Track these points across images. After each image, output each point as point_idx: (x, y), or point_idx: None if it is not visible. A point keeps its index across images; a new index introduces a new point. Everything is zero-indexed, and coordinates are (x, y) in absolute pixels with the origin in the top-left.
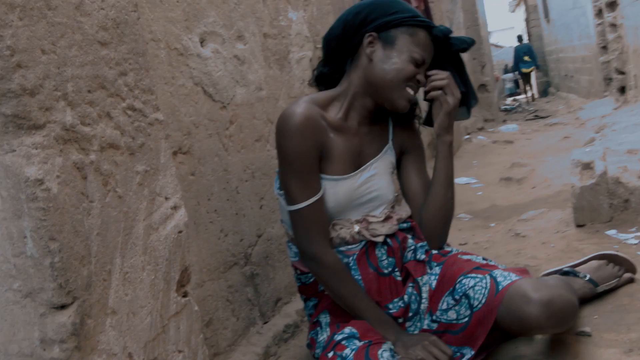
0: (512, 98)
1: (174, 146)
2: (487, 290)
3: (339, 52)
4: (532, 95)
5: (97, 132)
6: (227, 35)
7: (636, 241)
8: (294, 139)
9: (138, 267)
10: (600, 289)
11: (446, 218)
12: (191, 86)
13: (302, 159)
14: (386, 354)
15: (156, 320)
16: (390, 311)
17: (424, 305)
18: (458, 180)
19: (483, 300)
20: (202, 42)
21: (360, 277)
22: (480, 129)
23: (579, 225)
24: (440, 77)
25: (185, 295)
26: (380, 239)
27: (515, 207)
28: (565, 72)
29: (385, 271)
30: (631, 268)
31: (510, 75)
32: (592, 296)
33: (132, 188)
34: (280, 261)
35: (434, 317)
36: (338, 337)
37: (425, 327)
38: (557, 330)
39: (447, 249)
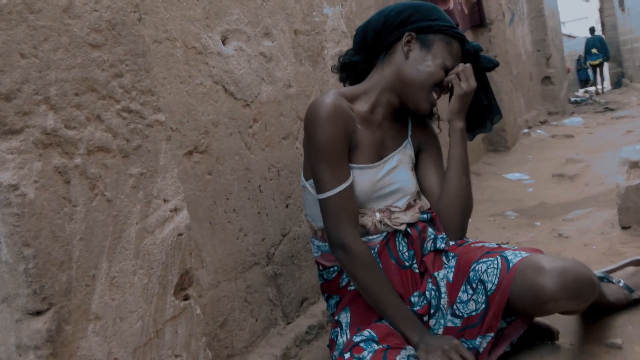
0: (583, 90)
1: (189, 146)
2: (498, 270)
3: (373, 44)
4: (600, 88)
5: (84, 136)
6: (252, 33)
7: None
8: (326, 127)
9: (128, 272)
10: (636, 294)
11: (464, 206)
12: (210, 85)
13: (333, 146)
14: None
15: (148, 325)
16: (414, 308)
17: (444, 300)
18: (509, 176)
19: (495, 281)
20: (224, 40)
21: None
22: (543, 122)
23: (624, 227)
24: (459, 67)
25: (186, 298)
26: (402, 227)
27: (564, 205)
28: (639, 62)
29: (407, 264)
30: None
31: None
32: (627, 303)
33: (124, 191)
34: (307, 260)
35: (456, 311)
36: (357, 339)
37: (448, 323)
38: (574, 306)
39: (464, 239)
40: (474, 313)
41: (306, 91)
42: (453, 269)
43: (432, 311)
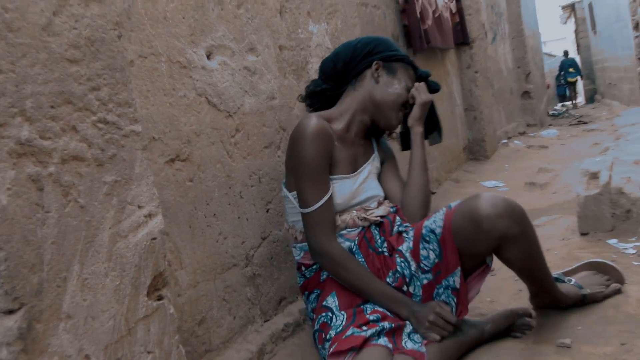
0: (561, 104)
1: (171, 154)
2: (443, 214)
3: (343, 72)
4: (575, 102)
5: (58, 146)
6: (237, 48)
7: (634, 251)
8: (312, 145)
9: (100, 274)
10: (585, 291)
11: (425, 198)
12: (194, 97)
13: (318, 163)
14: (409, 344)
15: (120, 324)
16: (393, 284)
17: (413, 265)
18: (486, 183)
19: (441, 224)
20: (209, 55)
21: (363, 259)
22: (522, 134)
23: (582, 234)
24: (416, 84)
25: (160, 298)
26: (377, 219)
27: (533, 211)
28: (609, 80)
29: (380, 250)
30: (619, 278)
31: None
32: (578, 299)
33: (97, 198)
34: (287, 262)
35: (424, 267)
36: (369, 317)
37: (424, 282)
38: (507, 224)
39: None
40: (436, 260)
41: (289, 103)
42: (412, 238)
43: (407, 280)
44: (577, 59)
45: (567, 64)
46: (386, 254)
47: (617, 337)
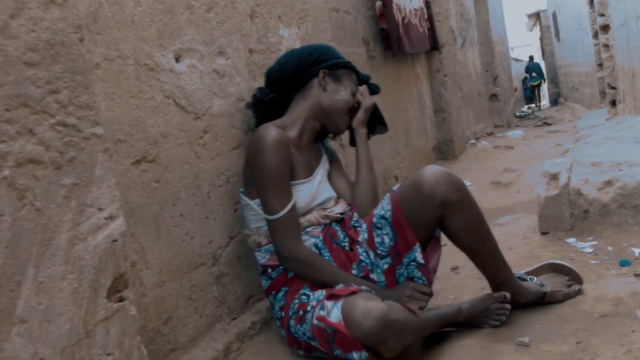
0: (527, 106)
1: (137, 155)
2: (388, 199)
3: (290, 82)
4: (538, 105)
5: (13, 149)
6: (206, 51)
7: (591, 250)
8: (274, 154)
9: (57, 277)
10: (545, 288)
11: (374, 195)
12: (161, 99)
13: (281, 171)
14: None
15: (78, 327)
16: (360, 275)
17: (372, 254)
18: None
19: (389, 207)
20: (177, 58)
21: (329, 254)
22: (490, 134)
23: (543, 233)
24: (360, 88)
25: (120, 300)
26: (339, 216)
27: (497, 210)
28: (572, 84)
29: (343, 244)
30: (577, 278)
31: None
32: (541, 298)
33: (55, 201)
34: (255, 261)
35: (382, 254)
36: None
37: (384, 267)
38: (446, 189)
39: None
40: (392, 243)
41: None
42: (366, 230)
43: (370, 268)
44: (543, 64)
45: (531, 69)
46: (347, 248)
47: (573, 335)
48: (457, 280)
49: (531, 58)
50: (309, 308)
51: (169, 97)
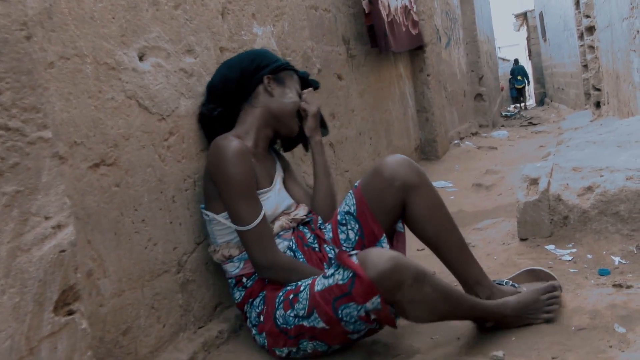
0: (513, 105)
1: (95, 158)
2: (351, 194)
3: (236, 92)
4: (524, 105)
5: None
6: (173, 50)
7: (570, 258)
8: (238, 165)
9: None
10: (520, 289)
11: (333, 200)
12: (123, 99)
13: (248, 181)
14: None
15: (19, 343)
16: None
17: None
18: (436, 183)
19: (353, 201)
20: (141, 56)
21: (303, 257)
22: (475, 134)
23: (522, 239)
24: (304, 92)
25: (70, 313)
26: (305, 217)
27: (478, 213)
28: (557, 85)
29: (313, 245)
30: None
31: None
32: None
33: None
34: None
35: (348, 250)
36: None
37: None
38: (407, 173)
39: None
40: (357, 237)
41: None
42: (330, 229)
43: None
44: (529, 65)
45: (516, 71)
46: (317, 249)
47: (549, 349)
48: None
49: (516, 61)
50: (302, 288)
51: (131, 98)
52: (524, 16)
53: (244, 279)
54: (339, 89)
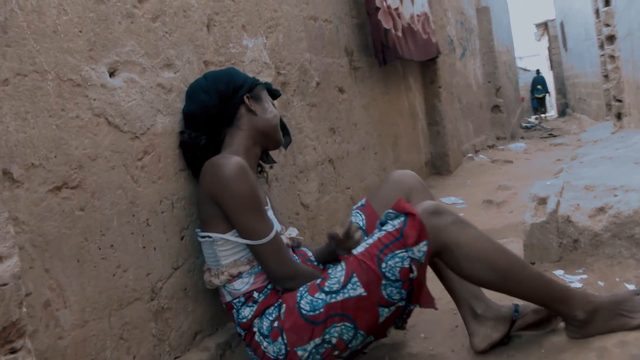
0: (535, 116)
1: (56, 181)
2: (359, 213)
3: (218, 117)
4: (545, 116)
5: None
6: (149, 64)
7: (580, 285)
8: (244, 180)
9: None
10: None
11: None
12: (89, 117)
13: (256, 194)
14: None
15: None
16: None
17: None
18: (445, 199)
19: (362, 216)
20: (112, 72)
21: None
22: (491, 147)
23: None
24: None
25: (13, 351)
26: (301, 238)
27: (487, 232)
28: (579, 95)
29: (315, 263)
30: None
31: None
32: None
33: None
34: (206, 292)
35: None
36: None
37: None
38: (414, 182)
39: None
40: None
41: None
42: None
43: None
44: (550, 75)
45: (536, 82)
46: (320, 265)
47: None
48: (429, 315)
49: (537, 71)
50: (330, 269)
51: (99, 116)
52: (544, 26)
53: (255, 294)
54: (340, 102)
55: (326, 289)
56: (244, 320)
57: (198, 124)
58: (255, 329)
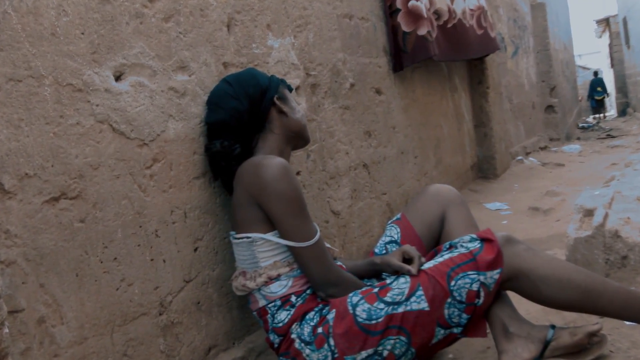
0: (593, 116)
1: (53, 192)
2: (395, 227)
3: (250, 122)
4: (604, 115)
5: None
6: (160, 67)
7: None
8: (290, 181)
9: None
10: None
11: None
12: (92, 124)
13: (302, 196)
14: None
15: None
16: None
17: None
18: (490, 205)
19: (397, 229)
20: (118, 75)
21: None
22: (543, 148)
23: None
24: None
25: None
26: (335, 249)
27: (531, 242)
28: None
29: None
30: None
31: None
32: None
33: None
34: (221, 305)
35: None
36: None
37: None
38: (449, 195)
39: None
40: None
41: None
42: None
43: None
44: (611, 73)
45: (595, 83)
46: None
47: None
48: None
49: (595, 73)
50: (390, 280)
51: (102, 122)
52: (606, 22)
53: (293, 297)
54: (377, 104)
55: (387, 299)
56: (280, 324)
57: (230, 132)
58: (294, 336)
